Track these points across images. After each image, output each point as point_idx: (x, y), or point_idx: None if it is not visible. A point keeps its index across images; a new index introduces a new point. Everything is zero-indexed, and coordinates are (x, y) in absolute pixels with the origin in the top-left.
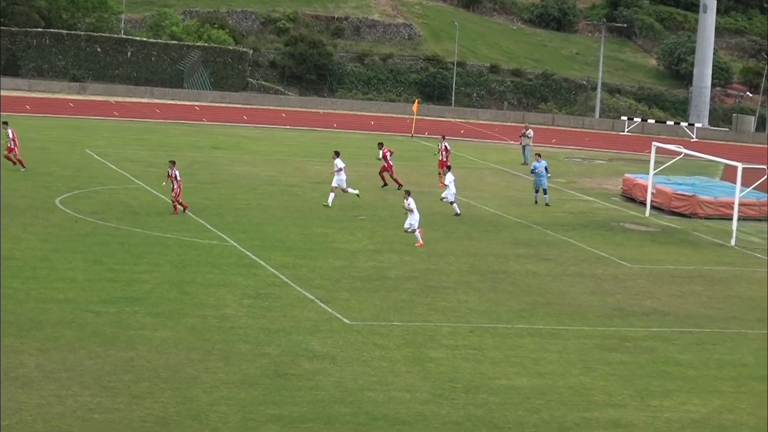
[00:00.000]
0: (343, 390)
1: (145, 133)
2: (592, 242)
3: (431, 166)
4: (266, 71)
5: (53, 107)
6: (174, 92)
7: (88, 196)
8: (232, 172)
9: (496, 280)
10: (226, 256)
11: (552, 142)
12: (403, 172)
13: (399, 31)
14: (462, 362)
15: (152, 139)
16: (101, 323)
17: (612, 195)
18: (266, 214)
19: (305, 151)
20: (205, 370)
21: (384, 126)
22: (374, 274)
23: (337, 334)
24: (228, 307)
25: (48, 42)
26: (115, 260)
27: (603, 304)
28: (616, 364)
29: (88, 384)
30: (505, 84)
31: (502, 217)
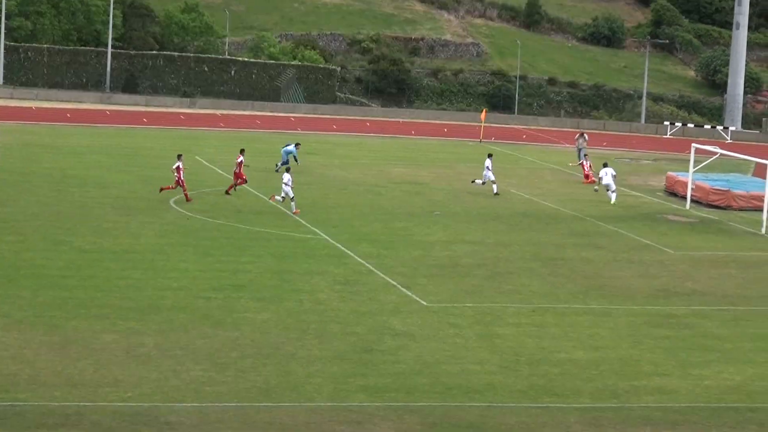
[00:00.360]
0: (422, 363)
1: (247, 142)
2: (639, 232)
3: (499, 166)
4: (352, 86)
5: (167, 120)
6: (272, 105)
7: (198, 197)
8: (324, 174)
9: (555, 266)
10: (319, 248)
11: (603, 144)
12: (474, 173)
13: (468, 50)
14: (525, 338)
15: (255, 147)
16: (211, 307)
17: (656, 191)
18: (354, 211)
19: (387, 155)
20: (301, 347)
21: (456, 133)
22: (448, 262)
23: (416, 314)
24: (321, 292)
25: (162, 63)
26: (223, 253)
27: (649, 286)
28: (661, 338)
29: (200, 360)
30: (562, 94)
31: (560, 211)
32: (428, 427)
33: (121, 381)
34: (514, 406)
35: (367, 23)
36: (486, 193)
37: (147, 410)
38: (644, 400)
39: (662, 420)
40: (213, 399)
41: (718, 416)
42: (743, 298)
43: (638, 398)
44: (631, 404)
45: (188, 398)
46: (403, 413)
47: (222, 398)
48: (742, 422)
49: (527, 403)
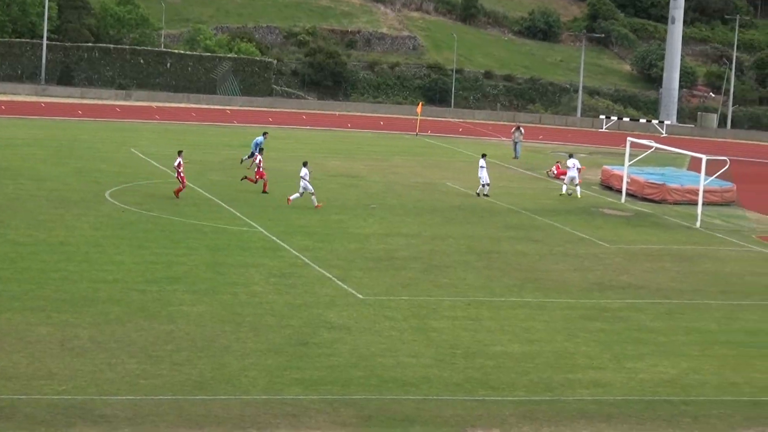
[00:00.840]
0: (358, 356)
1: (183, 134)
2: (574, 225)
3: (434, 159)
4: (289, 79)
5: (102, 112)
6: (208, 98)
7: (133, 190)
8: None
9: (490, 260)
10: (254, 241)
11: (539, 138)
12: (409, 166)
13: (405, 43)
14: (461, 331)
15: (189, 140)
16: (146, 300)
17: (592, 184)
18: (290, 204)
19: (323, 148)
20: (236, 340)
21: (392, 126)
22: (384, 255)
23: (352, 307)
24: (256, 285)
25: (97, 55)
26: (158, 245)
27: (584, 280)
28: (596, 331)
29: (135, 353)
30: (498, 88)
31: (495, 205)
32: (364, 420)
33: (56, 374)
34: (450, 398)
35: (303, 16)
36: (421, 187)
37: (81, 403)
38: (579, 393)
39: (597, 413)
40: (148, 392)
41: (653, 409)
42: (677, 292)
43: (573, 391)
44: (566, 397)
45: (123, 391)
46: (338, 406)
47: (157, 391)
48: (676, 415)
49: (462, 395)
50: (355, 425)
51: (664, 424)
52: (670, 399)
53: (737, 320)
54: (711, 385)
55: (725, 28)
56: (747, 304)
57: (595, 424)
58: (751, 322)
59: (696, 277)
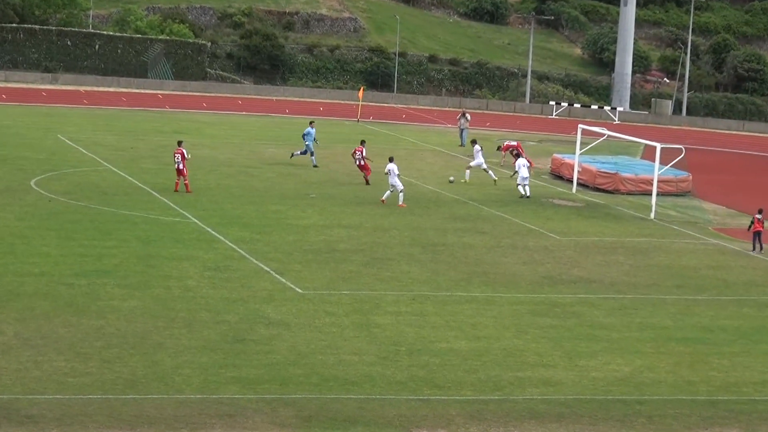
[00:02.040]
0: (297, 354)
1: (113, 120)
2: (523, 217)
3: (377, 147)
4: (223, 62)
5: (27, 96)
6: (139, 82)
7: (60, 178)
8: (193, 154)
9: (436, 252)
10: (188, 232)
11: (486, 125)
12: (350, 154)
13: (345, 25)
14: (405, 327)
15: (119, 125)
16: (74, 294)
17: (541, 173)
18: (225, 193)
19: (260, 135)
20: (169, 337)
21: (332, 112)
22: (324, 247)
23: (291, 302)
24: (190, 278)
25: (22, 36)
26: (86, 236)
27: (534, 273)
28: (547, 327)
29: (63, 350)
30: (443, 72)
31: (441, 194)
32: (303, 420)
33: None
34: (393, 398)
35: None
36: (362, 177)
37: (6, 403)
38: (529, 392)
39: (547, 413)
40: (76, 391)
41: (606, 409)
42: (631, 286)
43: (522, 390)
44: (515, 396)
45: (50, 390)
46: (277, 406)
47: (86, 390)
48: (630, 415)
49: (407, 395)
50: (294, 426)
51: (617, 425)
52: (623, 398)
53: (693, 316)
54: (666, 384)
55: (680, 11)
56: (703, 299)
57: (546, 425)
58: (707, 318)
59: (650, 270)
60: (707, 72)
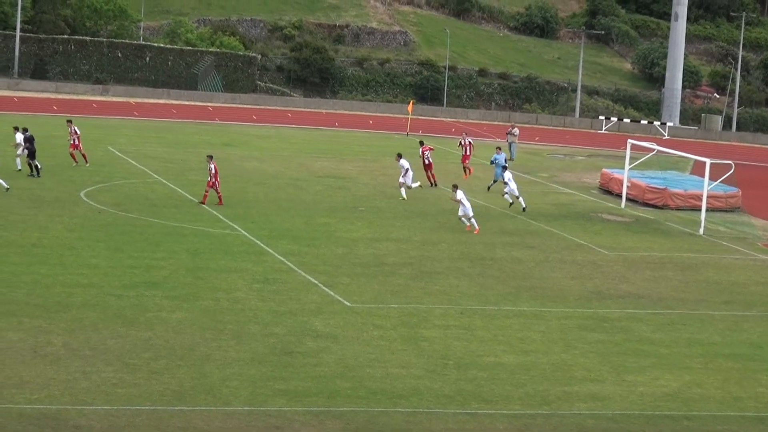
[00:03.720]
0: (345, 367)
1: (162, 132)
2: (572, 231)
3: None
4: (273, 75)
5: (78, 108)
6: (189, 94)
7: (110, 190)
8: (242, 167)
9: (484, 266)
10: (237, 245)
11: (536, 139)
12: (397, 167)
13: (395, 38)
14: (453, 341)
15: (169, 137)
16: (122, 306)
17: (591, 188)
18: (273, 206)
19: (309, 148)
20: (217, 349)
21: (382, 125)
22: (373, 260)
23: (339, 315)
24: (239, 290)
25: (73, 48)
26: (135, 248)
27: (582, 288)
28: (595, 342)
29: (111, 361)
30: (493, 86)
31: (490, 209)
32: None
33: (28, 382)
34: (441, 411)
35: (289, 9)
36: (411, 189)
37: (55, 413)
38: (576, 407)
39: (595, 428)
40: (124, 402)
41: (654, 424)
42: (679, 301)
43: (570, 405)
44: (563, 411)
45: (98, 401)
46: (324, 418)
47: (134, 401)
48: (678, 430)
49: (454, 408)
50: None
51: None
52: (671, 414)
53: (741, 332)
54: (714, 400)
55: (730, 26)
56: (752, 315)
57: None
58: (756, 334)
59: (699, 286)
60: (757, 87)
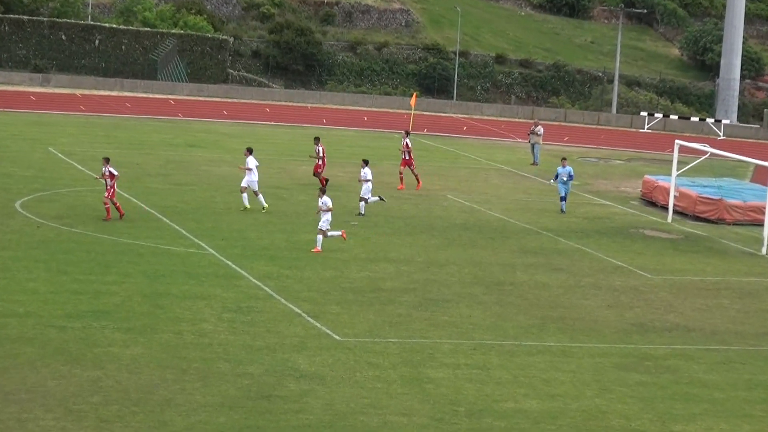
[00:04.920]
0: (334, 414)
1: (114, 130)
2: (608, 250)
3: (431, 165)
4: (248, 61)
5: (12, 101)
6: (146, 84)
7: (51, 199)
8: (211, 172)
9: (502, 293)
10: (203, 266)
11: (564, 140)
12: (397, 173)
13: (395, 18)
14: (464, 383)
15: (122, 137)
16: (66, 339)
17: (630, 198)
18: (248, 219)
19: (292, 149)
20: (180, 392)
21: (379, 122)
22: (367, 285)
23: (327, 351)
24: (206, 321)
25: (7, 29)
26: (82, 270)
27: (620, 319)
28: (635, 385)
29: (52, 407)
30: (513, 76)
31: (509, 223)
32: None
33: None
34: None
35: None
36: (415, 199)
37: None
38: None
39: None
40: None
41: None
42: (738, 336)
43: None
44: None
45: None
46: None
47: None
48: None
49: None
50: None
51: None
52: None
53: None
54: None
55: None
56: None
57: None
58: None
59: (761, 317)
60: None
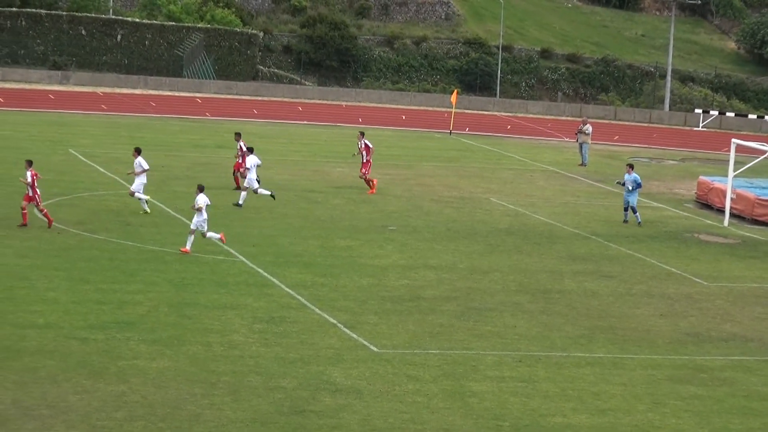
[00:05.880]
0: (371, 429)
1: (138, 130)
2: (661, 256)
3: (474, 167)
4: (279, 57)
5: (31, 100)
6: (172, 82)
7: (72, 204)
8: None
9: (549, 301)
10: (233, 274)
11: (614, 139)
12: (442, 175)
13: (434, 10)
14: (509, 397)
15: (147, 137)
16: (88, 352)
17: (684, 201)
18: (281, 224)
19: (325, 150)
20: (209, 407)
21: (417, 121)
22: (407, 293)
23: (364, 364)
24: (236, 333)
25: (23, 24)
26: (104, 278)
27: (674, 329)
28: (690, 398)
29: (74, 423)
30: (559, 71)
31: (556, 228)
32: None
33: None
34: None
35: None
36: (456, 203)
37: None
38: None
39: None
40: None
41: None
42: None
43: None
44: None
45: None
46: None
47: None
48: None
49: None
50: None
51: None
52: None
53: None
54: None
55: None
56: None
57: None
58: None
59: None
60: None
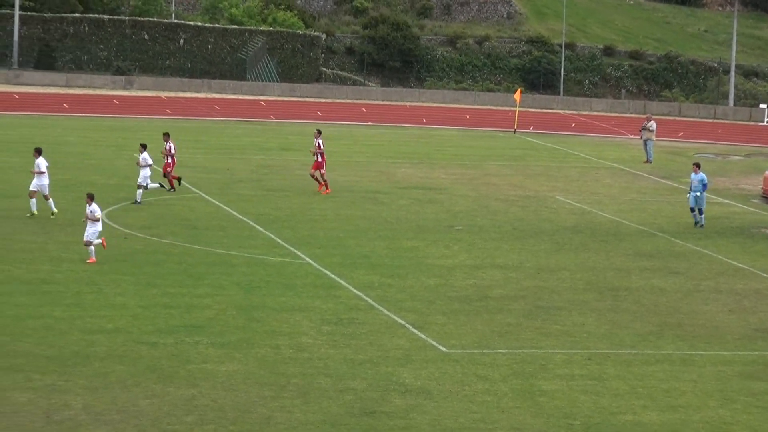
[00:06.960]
0: (442, 430)
1: (202, 134)
2: (729, 252)
3: (539, 165)
4: (342, 59)
5: (95, 105)
6: (235, 85)
7: (138, 209)
8: (305, 177)
9: (617, 299)
10: (300, 276)
11: (679, 135)
12: (507, 174)
13: (496, 9)
14: (579, 395)
15: (211, 141)
16: (157, 356)
17: (751, 196)
18: (347, 226)
19: (390, 151)
20: (279, 409)
21: (481, 120)
22: (474, 293)
23: (433, 364)
24: (305, 335)
25: (86, 29)
26: (172, 282)
27: (743, 325)
28: (761, 394)
29: (145, 427)
30: (622, 69)
31: (622, 225)
32: None
33: None
34: None
35: None
36: (522, 202)
37: None
38: None
39: None
40: None
41: None
42: None
43: None
44: None
45: None
46: None
47: None
48: None
49: None
50: None
51: None
52: None
53: None
54: None
55: None
56: None
57: None
58: None
59: None
60: None
